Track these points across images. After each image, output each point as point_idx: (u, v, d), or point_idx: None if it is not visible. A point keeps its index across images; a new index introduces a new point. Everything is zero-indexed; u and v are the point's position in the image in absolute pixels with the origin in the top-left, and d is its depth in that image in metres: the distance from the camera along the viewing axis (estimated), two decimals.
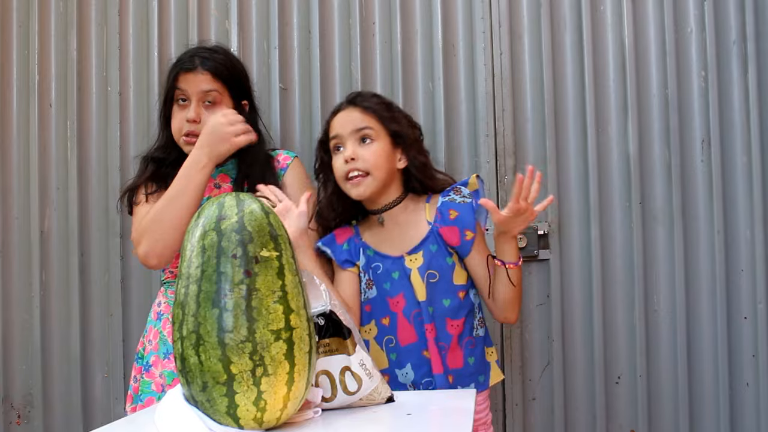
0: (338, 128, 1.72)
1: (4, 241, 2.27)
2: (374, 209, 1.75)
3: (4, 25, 2.30)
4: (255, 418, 1.11)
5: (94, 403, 2.23)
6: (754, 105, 2.06)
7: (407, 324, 1.69)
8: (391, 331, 1.70)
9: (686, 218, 2.09)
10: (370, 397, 1.33)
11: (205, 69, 1.82)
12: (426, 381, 1.68)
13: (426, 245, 1.70)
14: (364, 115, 1.71)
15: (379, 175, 1.69)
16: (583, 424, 2.10)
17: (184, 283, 1.14)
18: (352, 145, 1.69)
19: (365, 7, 2.21)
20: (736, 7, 2.09)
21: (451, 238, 1.70)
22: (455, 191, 1.72)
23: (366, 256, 1.74)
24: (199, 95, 1.81)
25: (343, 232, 1.79)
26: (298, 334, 1.13)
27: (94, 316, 2.24)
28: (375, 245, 1.74)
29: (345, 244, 1.76)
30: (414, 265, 1.70)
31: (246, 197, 1.19)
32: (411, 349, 1.68)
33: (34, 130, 2.27)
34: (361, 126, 1.70)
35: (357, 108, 1.73)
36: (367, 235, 1.77)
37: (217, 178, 1.88)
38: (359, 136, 1.70)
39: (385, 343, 1.71)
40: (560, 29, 2.15)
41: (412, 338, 1.68)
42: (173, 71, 1.84)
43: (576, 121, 2.13)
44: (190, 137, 1.80)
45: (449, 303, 1.69)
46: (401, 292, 1.70)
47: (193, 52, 1.86)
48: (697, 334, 2.08)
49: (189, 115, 1.80)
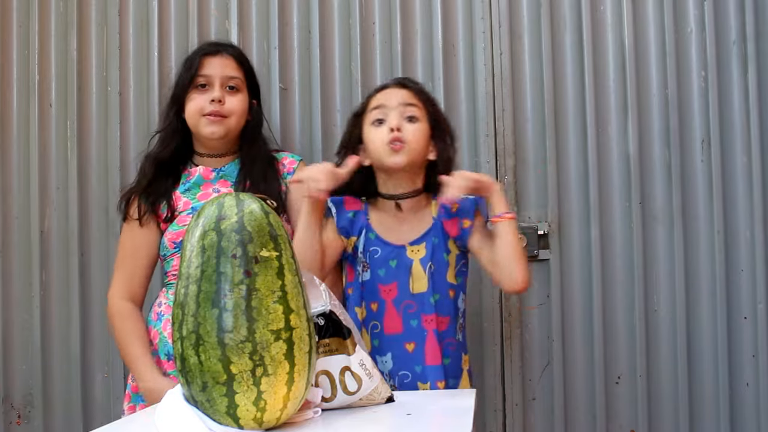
0: (384, 100, 1.72)
1: (4, 241, 2.27)
2: (392, 194, 1.75)
3: (4, 25, 2.30)
4: (255, 418, 1.11)
5: (94, 402, 2.23)
6: (754, 105, 2.06)
7: (395, 313, 1.70)
8: (377, 317, 1.71)
9: (686, 218, 2.09)
10: (370, 397, 1.33)
11: (229, 55, 1.86)
12: (402, 374, 1.68)
13: (429, 237, 1.71)
14: (413, 94, 1.73)
15: (415, 148, 1.69)
16: (583, 424, 2.10)
17: (183, 283, 1.14)
18: (398, 118, 1.69)
19: (365, 7, 2.21)
20: (736, 7, 2.09)
21: (451, 230, 1.72)
22: None
23: (366, 238, 1.73)
24: (223, 80, 1.83)
25: (354, 202, 1.78)
26: (298, 334, 1.13)
27: (94, 316, 2.24)
28: (378, 230, 1.74)
29: (351, 213, 1.76)
30: (416, 256, 1.70)
31: (246, 197, 1.19)
32: (394, 339, 1.69)
33: (34, 130, 2.26)
34: (409, 102, 1.71)
35: (406, 88, 1.74)
36: (373, 216, 1.76)
37: (216, 184, 1.87)
38: (406, 113, 1.70)
39: (371, 327, 1.72)
40: (560, 29, 2.15)
41: (397, 328, 1.69)
42: (195, 57, 1.85)
43: (576, 121, 2.13)
44: (213, 117, 1.81)
45: (439, 298, 1.70)
46: (395, 281, 1.70)
47: (211, 43, 1.91)
48: (697, 334, 2.08)
49: (214, 94, 1.81)
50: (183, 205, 1.84)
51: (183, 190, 1.87)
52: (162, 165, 1.88)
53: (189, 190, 1.86)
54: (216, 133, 1.82)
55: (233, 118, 1.84)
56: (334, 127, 2.19)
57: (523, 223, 2.13)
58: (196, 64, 1.83)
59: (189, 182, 1.87)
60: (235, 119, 1.85)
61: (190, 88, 1.84)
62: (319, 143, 2.17)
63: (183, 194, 1.86)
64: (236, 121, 1.85)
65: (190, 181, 1.87)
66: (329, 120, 2.20)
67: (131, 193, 1.88)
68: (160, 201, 1.84)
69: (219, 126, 1.82)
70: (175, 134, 1.87)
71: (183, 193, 1.86)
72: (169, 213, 1.83)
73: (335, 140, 2.18)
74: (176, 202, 1.85)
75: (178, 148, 1.88)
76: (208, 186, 1.86)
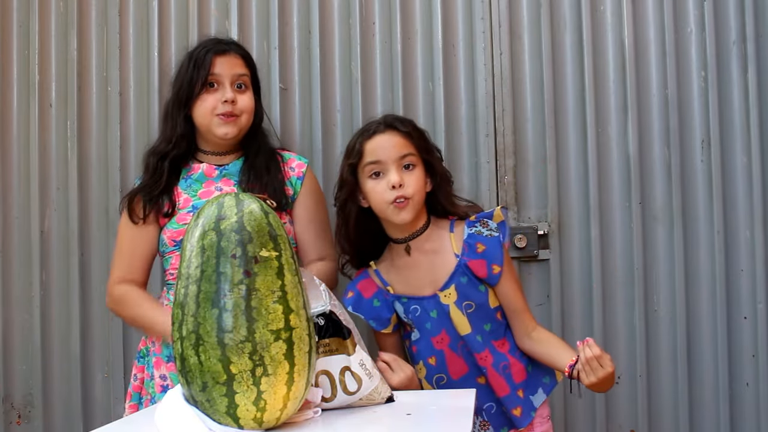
0: (379, 153, 1.67)
1: (4, 241, 2.27)
2: (400, 238, 1.73)
3: (5, 25, 2.30)
4: (255, 418, 1.11)
5: (94, 402, 2.23)
6: (754, 105, 2.06)
7: (456, 357, 1.70)
8: (440, 369, 1.71)
9: (686, 218, 2.09)
10: (370, 397, 1.33)
11: (237, 53, 1.86)
12: (487, 406, 1.70)
13: (456, 278, 1.69)
14: (406, 141, 1.69)
15: (419, 200, 1.69)
16: (583, 424, 2.10)
17: (183, 283, 1.14)
18: (397, 172, 1.66)
19: (365, 7, 2.21)
20: (736, 8, 2.09)
21: (479, 271, 1.69)
22: (482, 223, 1.71)
23: (401, 304, 1.73)
24: (232, 78, 1.82)
25: (368, 285, 1.75)
26: (298, 334, 1.13)
27: (94, 316, 2.24)
28: (406, 290, 1.72)
29: (375, 300, 1.74)
30: (449, 300, 1.69)
31: (245, 197, 1.19)
32: (464, 380, 1.69)
33: (34, 130, 2.26)
34: (406, 153, 1.68)
35: (398, 133, 1.69)
36: (391, 274, 1.74)
37: (219, 182, 1.86)
38: (403, 163, 1.67)
39: (436, 381, 1.71)
40: (560, 29, 2.15)
41: (463, 370, 1.70)
42: (205, 56, 1.82)
43: (576, 121, 2.13)
44: (226, 117, 1.80)
45: (490, 327, 1.70)
46: (443, 329, 1.70)
47: (216, 40, 1.89)
48: (697, 334, 2.08)
49: (227, 95, 1.80)
50: (183, 201, 1.84)
51: (184, 186, 1.86)
52: (166, 161, 1.86)
53: (190, 186, 1.86)
54: (230, 133, 1.82)
55: (245, 117, 1.84)
56: (334, 127, 2.20)
57: (523, 223, 2.13)
58: (207, 64, 1.81)
59: (190, 178, 1.86)
60: (246, 117, 1.85)
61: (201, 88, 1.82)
62: (319, 143, 2.17)
63: (184, 190, 1.85)
64: (247, 119, 1.86)
65: (191, 176, 1.87)
66: (329, 120, 2.20)
67: (136, 193, 1.86)
68: (162, 196, 1.83)
69: (233, 126, 1.82)
70: (183, 134, 1.85)
71: (184, 189, 1.85)
72: (169, 208, 1.83)
73: (335, 140, 2.19)
74: (177, 197, 1.84)
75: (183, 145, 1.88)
76: (210, 183, 1.86)
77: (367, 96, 2.19)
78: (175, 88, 1.86)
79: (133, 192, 1.87)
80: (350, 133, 2.18)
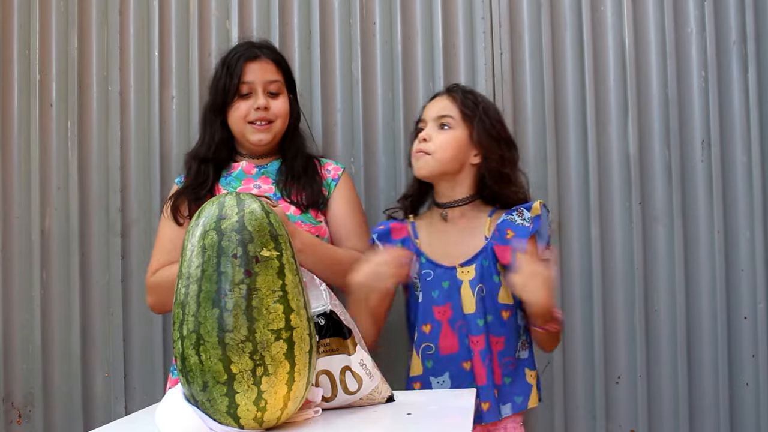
0: (425, 113, 1.78)
1: (4, 240, 2.27)
2: (442, 202, 1.76)
3: (5, 24, 2.30)
4: (255, 418, 1.11)
5: (94, 402, 2.24)
6: (754, 105, 2.06)
7: (451, 333, 1.69)
8: (431, 339, 1.70)
9: (686, 218, 2.09)
10: (371, 397, 1.33)
11: (268, 58, 1.85)
12: None
13: (479, 259, 1.70)
14: (451, 104, 1.75)
15: (442, 157, 1.70)
16: (583, 424, 2.10)
17: (184, 282, 1.14)
18: (431, 129, 1.73)
19: (365, 7, 2.21)
20: (736, 8, 2.09)
21: (503, 256, 1.69)
22: (518, 213, 1.72)
23: (418, 263, 1.73)
24: (264, 84, 1.83)
25: (400, 229, 1.78)
26: (299, 334, 1.13)
27: (95, 315, 2.24)
28: (429, 252, 1.74)
29: (399, 243, 1.76)
30: (466, 277, 1.70)
31: (246, 197, 1.19)
32: (451, 359, 1.69)
33: (34, 129, 2.27)
34: (443, 113, 1.74)
35: (447, 97, 1.77)
36: (423, 235, 1.76)
37: (258, 180, 1.87)
38: (439, 123, 1.73)
39: (423, 350, 1.71)
40: (560, 29, 2.15)
41: (453, 348, 1.69)
42: (236, 63, 1.82)
43: (576, 121, 2.13)
44: (260, 124, 1.82)
45: (491, 319, 1.70)
46: (449, 302, 1.70)
47: (249, 44, 1.88)
48: (697, 334, 2.08)
49: (260, 102, 1.81)
50: None
51: (224, 184, 1.87)
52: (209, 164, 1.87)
53: (230, 183, 1.87)
54: (264, 140, 1.84)
55: (279, 122, 1.85)
56: (334, 126, 2.20)
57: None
58: (239, 71, 1.82)
59: (230, 176, 1.88)
60: (280, 122, 1.86)
61: (234, 96, 1.83)
62: (319, 143, 2.17)
63: (224, 187, 1.86)
64: (281, 124, 1.86)
65: (231, 174, 1.88)
66: (329, 120, 2.20)
67: (179, 194, 1.86)
68: (205, 195, 1.82)
69: (267, 133, 1.83)
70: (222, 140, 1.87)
71: (224, 187, 1.86)
72: None
73: (335, 140, 2.19)
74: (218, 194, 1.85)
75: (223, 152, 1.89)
76: (249, 181, 1.87)
77: (367, 96, 2.19)
78: (212, 95, 1.88)
79: (176, 193, 1.87)
80: (350, 133, 2.19)
